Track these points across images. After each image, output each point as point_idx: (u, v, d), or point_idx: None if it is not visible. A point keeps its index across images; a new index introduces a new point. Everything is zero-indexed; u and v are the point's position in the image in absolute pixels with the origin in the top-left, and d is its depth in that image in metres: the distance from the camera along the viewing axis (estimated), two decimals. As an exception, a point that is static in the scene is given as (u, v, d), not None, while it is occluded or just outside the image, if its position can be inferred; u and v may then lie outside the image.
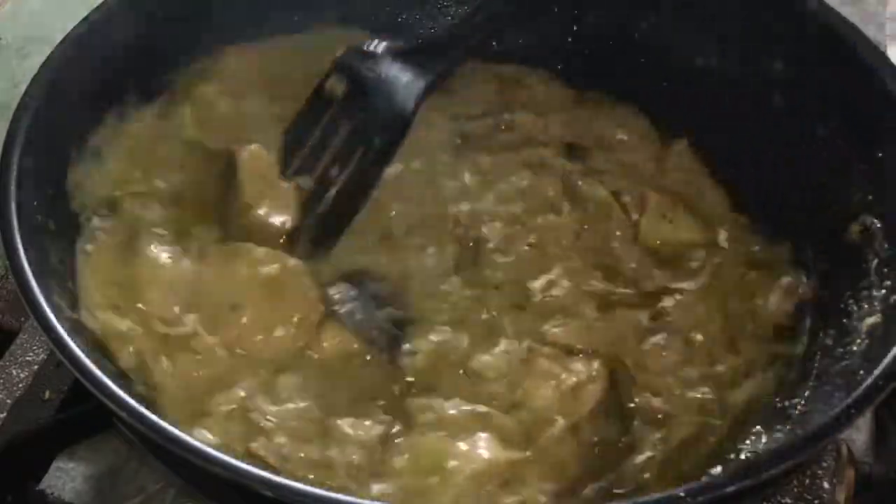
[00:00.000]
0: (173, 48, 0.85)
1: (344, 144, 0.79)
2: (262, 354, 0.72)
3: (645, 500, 0.54)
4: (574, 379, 0.71)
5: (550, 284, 0.78)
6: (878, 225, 0.72)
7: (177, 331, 0.72)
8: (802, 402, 0.68)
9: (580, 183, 0.85)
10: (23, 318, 0.83)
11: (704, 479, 0.54)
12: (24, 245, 0.64)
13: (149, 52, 0.83)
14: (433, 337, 0.74)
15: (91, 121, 0.79)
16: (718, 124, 0.86)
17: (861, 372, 0.62)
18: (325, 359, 0.73)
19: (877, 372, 0.59)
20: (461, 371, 0.73)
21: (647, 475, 0.68)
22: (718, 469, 0.64)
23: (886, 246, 0.70)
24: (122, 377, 0.67)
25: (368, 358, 0.74)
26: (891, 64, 0.74)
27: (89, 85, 0.77)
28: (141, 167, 0.81)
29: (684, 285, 0.79)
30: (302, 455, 0.67)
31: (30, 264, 0.63)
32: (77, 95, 0.76)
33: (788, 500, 0.69)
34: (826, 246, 0.76)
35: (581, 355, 0.73)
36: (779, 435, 0.66)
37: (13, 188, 0.67)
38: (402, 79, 0.79)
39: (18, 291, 0.62)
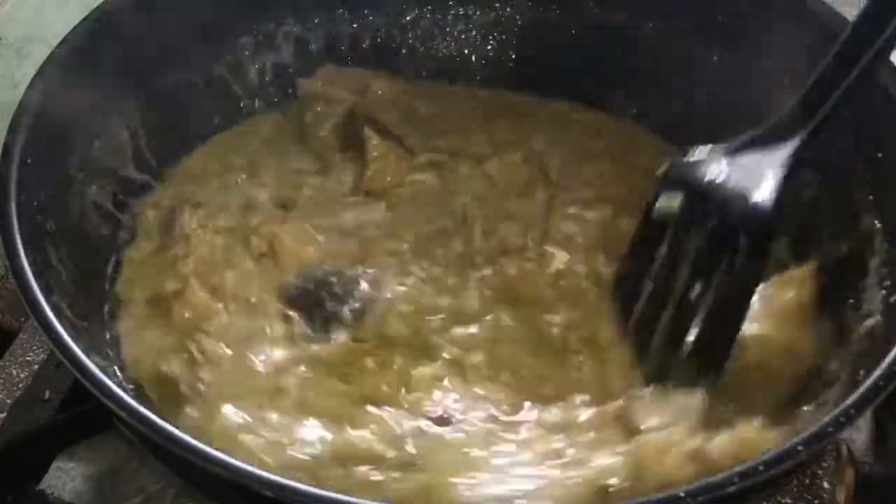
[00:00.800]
0: (174, 48, 0.85)
1: (700, 260, 0.69)
2: None
3: (645, 500, 0.54)
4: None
5: None
6: (879, 225, 0.72)
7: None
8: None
9: None
10: (23, 318, 0.83)
11: (705, 479, 0.54)
12: (24, 245, 0.64)
13: (149, 53, 0.83)
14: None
15: (91, 121, 0.79)
16: (717, 125, 0.86)
17: (861, 372, 0.62)
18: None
19: (877, 372, 0.59)
20: None
21: None
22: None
23: (886, 246, 0.70)
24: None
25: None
26: (891, 64, 0.74)
27: (89, 85, 0.77)
28: None
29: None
30: None
31: (30, 264, 0.63)
32: (77, 95, 0.76)
33: (788, 500, 0.70)
34: (826, 246, 0.77)
35: None
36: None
37: (13, 188, 0.67)
38: (752, 167, 0.69)
39: (18, 291, 0.62)
